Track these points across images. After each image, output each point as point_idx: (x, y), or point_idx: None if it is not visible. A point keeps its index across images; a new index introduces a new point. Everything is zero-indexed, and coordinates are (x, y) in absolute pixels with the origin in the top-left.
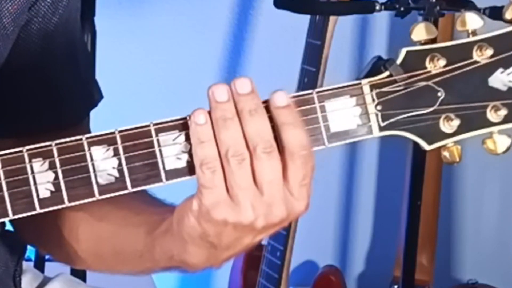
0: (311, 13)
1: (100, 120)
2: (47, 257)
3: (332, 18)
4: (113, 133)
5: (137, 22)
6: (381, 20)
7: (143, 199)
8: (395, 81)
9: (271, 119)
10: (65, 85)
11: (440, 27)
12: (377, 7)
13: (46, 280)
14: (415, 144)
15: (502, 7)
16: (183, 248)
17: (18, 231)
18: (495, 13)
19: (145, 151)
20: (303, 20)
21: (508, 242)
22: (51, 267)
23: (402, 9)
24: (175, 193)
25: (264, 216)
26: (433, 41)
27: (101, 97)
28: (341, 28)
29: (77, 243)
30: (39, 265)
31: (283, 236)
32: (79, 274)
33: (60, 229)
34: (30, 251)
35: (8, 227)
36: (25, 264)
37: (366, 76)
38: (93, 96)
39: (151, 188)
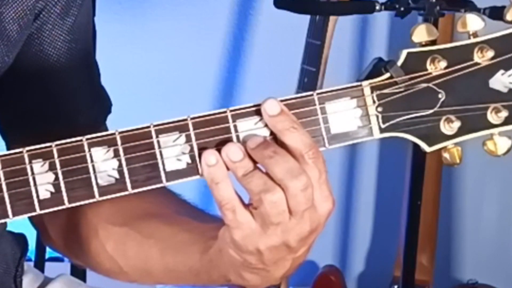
0: (311, 13)
1: None
2: (47, 257)
3: (332, 18)
4: (113, 134)
5: (137, 22)
6: (381, 20)
7: (191, 213)
8: (395, 83)
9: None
10: (81, 92)
11: (440, 28)
12: (377, 7)
13: (47, 281)
14: (415, 144)
15: (502, 7)
16: (236, 273)
17: (51, 241)
18: (495, 13)
19: (145, 152)
20: (303, 20)
21: (508, 242)
22: (51, 268)
23: (402, 9)
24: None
25: (295, 232)
26: (434, 42)
27: (111, 103)
28: (341, 28)
29: (123, 259)
30: (39, 265)
31: None
32: (79, 275)
33: (102, 244)
34: (30, 252)
35: (9, 227)
36: (25, 265)
37: (366, 78)
38: (106, 100)
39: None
